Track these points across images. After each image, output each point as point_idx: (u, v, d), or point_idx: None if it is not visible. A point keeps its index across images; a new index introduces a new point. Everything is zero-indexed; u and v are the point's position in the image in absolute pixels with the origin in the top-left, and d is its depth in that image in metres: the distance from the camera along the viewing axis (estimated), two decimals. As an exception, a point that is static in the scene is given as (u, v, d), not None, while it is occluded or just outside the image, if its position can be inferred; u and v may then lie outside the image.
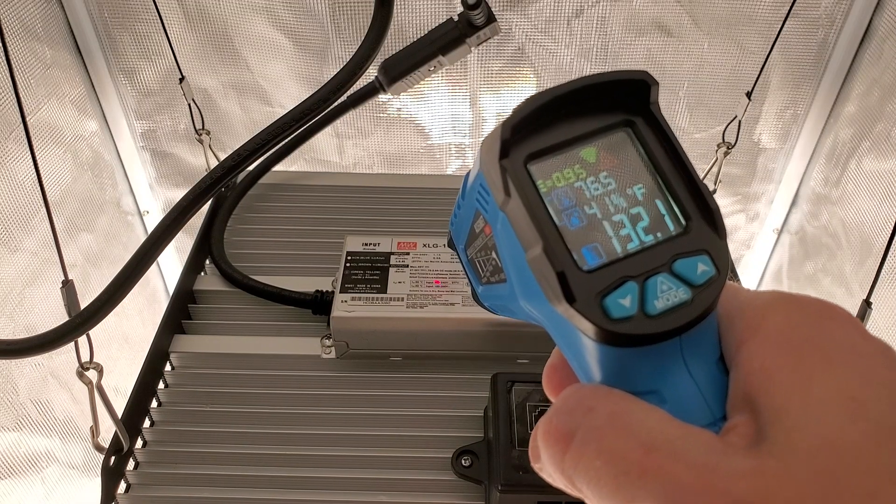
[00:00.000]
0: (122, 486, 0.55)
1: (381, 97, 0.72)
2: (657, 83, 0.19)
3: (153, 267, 0.93)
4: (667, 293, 0.17)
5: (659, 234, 0.18)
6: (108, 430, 0.54)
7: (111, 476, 0.54)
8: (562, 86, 0.18)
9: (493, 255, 0.21)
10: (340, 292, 0.60)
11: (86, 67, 0.86)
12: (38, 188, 0.48)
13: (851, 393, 0.15)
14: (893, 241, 0.54)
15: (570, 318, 0.17)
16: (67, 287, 0.50)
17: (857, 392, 0.15)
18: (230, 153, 0.55)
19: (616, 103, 0.19)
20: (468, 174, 0.21)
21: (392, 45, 0.72)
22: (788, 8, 0.75)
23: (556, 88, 0.18)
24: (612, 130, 0.19)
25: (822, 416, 0.15)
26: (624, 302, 0.17)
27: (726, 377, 0.18)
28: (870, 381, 0.15)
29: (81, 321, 0.50)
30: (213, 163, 0.83)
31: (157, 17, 0.77)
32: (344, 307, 0.59)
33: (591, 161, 0.19)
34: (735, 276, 0.70)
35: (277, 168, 0.78)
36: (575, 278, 0.17)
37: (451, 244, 0.24)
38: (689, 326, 0.17)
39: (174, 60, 0.81)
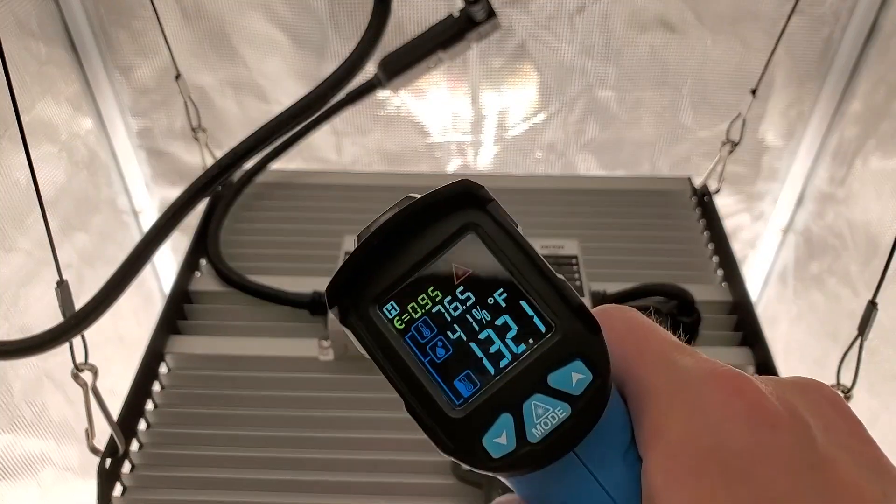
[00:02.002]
0: (118, 488, 0.55)
1: (381, 94, 0.72)
2: (482, 186, 0.18)
3: (148, 267, 0.92)
4: (543, 416, 0.17)
5: (531, 340, 0.17)
6: (103, 433, 0.54)
7: (107, 479, 0.54)
8: (387, 221, 0.18)
9: None
10: (339, 293, 0.60)
11: (81, 65, 0.86)
12: (33, 187, 0.48)
13: None
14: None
15: (457, 461, 0.17)
16: (62, 287, 0.49)
17: None
18: (226, 151, 0.54)
19: (453, 208, 0.18)
20: None
21: (391, 41, 0.72)
22: (793, 5, 0.74)
23: (380, 226, 0.18)
24: (457, 238, 0.18)
25: None
26: (500, 440, 0.17)
27: (638, 465, 0.17)
28: (765, 501, 0.15)
29: (76, 322, 0.49)
30: (210, 161, 0.82)
31: (154, 14, 0.77)
32: (342, 308, 0.59)
33: (444, 278, 0.18)
34: (740, 278, 0.69)
35: (275, 166, 0.78)
36: (446, 429, 0.17)
37: None
38: (573, 444, 0.17)
39: (170, 57, 0.80)
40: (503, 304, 0.17)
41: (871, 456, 0.16)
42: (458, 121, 0.95)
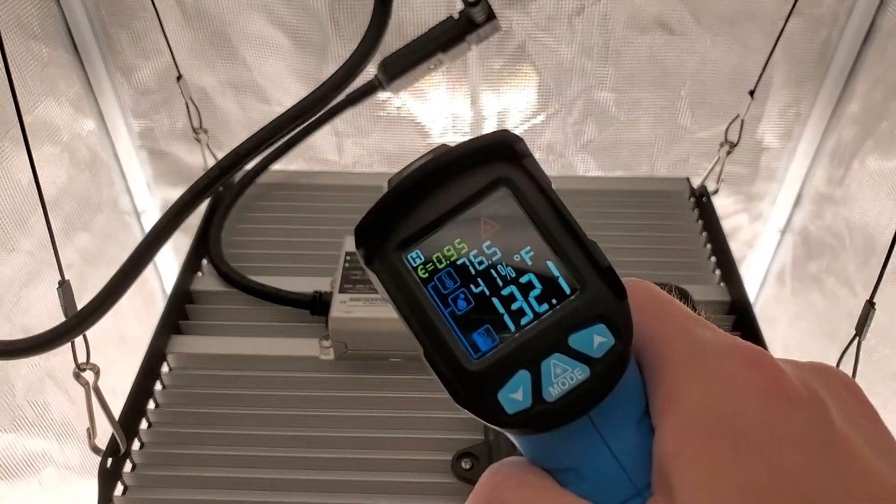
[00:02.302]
0: (119, 488, 0.55)
1: (381, 95, 0.72)
2: (520, 139, 0.18)
3: (150, 267, 0.92)
4: (562, 376, 0.16)
5: (554, 301, 0.17)
6: (104, 432, 0.54)
7: (108, 478, 0.54)
8: (421, 167, 0.17)
9: None
10: (339, 293, 0.60)
11: (83, 66, 0.86)
12: (35, 188, 0.48)
13: (757, 492, 0.14)
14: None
15: (469, 413, 0.17)
16: (64, 287, 0.49)
17: (763, 490, 0.14)
18: (228, 152, 0.55)
19: (488, 159, 0.18)
20: None
21: (391, 42, 0.72)
22: (791, 6, 0.74)
23: (414, 171, 0.17)
24: (489, 192, 0.18)
25: None
26: (516, 396, 0.16)
27: (651, 436, 0.17)
28: (777, 474, 0.15)
29: (78, 322, 0.49)
30: (211, 162, 0.82)
31: (155, 15, 0.77)
32: (343, 308, 0.59)
33: (471, 231, 0.17)
34: (738, 278, 0.69)
35: (276, 167, 0.78)
36: (462, 380, 0.16)
37: None
38: (589, 407, 0.16)
39: (172, 58, 0.81)
40: (529, 262, 0.17)
41: (884, 440, 0.16)
42: (458, 122, 0.95)
